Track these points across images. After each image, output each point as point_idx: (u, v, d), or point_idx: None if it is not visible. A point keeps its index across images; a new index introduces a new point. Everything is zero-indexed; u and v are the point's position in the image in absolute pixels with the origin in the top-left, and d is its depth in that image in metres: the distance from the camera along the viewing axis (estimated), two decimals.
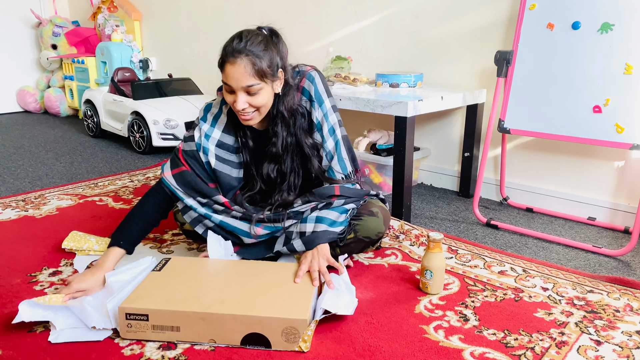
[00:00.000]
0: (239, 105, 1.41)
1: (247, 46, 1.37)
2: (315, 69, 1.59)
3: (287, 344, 1.20)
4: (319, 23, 3.01)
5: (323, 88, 1.58)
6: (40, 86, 4.71)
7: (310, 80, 1.56)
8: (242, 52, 1.36)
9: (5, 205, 2.21)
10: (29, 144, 3.46)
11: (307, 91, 1.56)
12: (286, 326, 1.19)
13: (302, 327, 1.19)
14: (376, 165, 2.48)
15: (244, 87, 1.39)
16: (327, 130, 1.56)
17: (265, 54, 1.39)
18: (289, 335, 1.19)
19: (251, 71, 1.37)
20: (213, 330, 1.21)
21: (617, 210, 2.09)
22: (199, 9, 3.75)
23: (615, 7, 1.84)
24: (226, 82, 1.40)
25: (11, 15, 4.61)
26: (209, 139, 1.56)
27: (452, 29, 2.46)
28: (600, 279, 1.60)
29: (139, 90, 3.36)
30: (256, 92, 1.40)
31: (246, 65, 1.36)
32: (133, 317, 1.22)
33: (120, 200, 2.30)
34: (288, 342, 1.20)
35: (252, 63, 1.37)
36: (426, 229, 1.98)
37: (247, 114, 1.44)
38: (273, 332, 1.20)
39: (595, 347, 1.26)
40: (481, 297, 1.48)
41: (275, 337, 1.20)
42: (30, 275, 1.59)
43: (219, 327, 1.21)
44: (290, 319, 1.19)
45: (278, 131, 1.53)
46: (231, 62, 1.37)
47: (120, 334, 1.24)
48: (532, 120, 2.05)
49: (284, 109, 1.50)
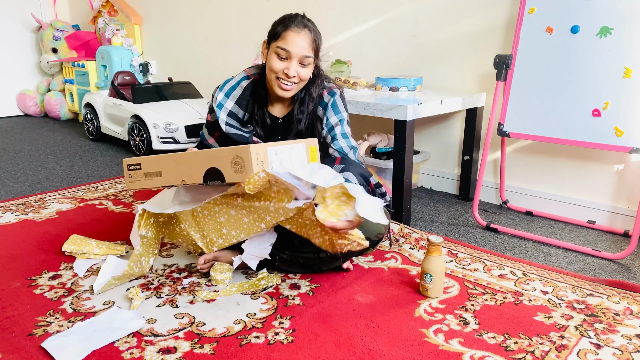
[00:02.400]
0: (292, 71, 1.52)
1: (309, 23, 1.56)
2: (338, 87, 1.69)
3: (236, 175, 1.32)
4: (319, 27, 3.00)
5: (341, 103, 1.67)
6: (41, 90, 4.72)
7: (330, 95, 1.66)
8: (307, 27, 1.54)
9: (5, 209, 2.21)
10: (29, 148, 3.47)
11: (324, 102, 1.65)
12: (233, 156, 1.31)
13: (245, 156, 1.29)
14: (376, 168, 2.48)
15: (302, 56, 1.53)
16: (340, 133, 1.63)
17: (320, 37, 1.58)
18: (237, 165, 1.31)
19: (312, 44, 1.54)
20: (184, 171, 1.43)
21: (617, 214, 2.09)
22: (199, 13, 3.76)
23: (614, 11, 1.85)
24: (286, 47, 1.51)
25: (12, 19, 4.62)
26: (222, 108, 1.64)
27: (452, 33, 2.47)
28: (600, 282, 1.60)
29: (139, 93, 3.37)
30: (307, 65, 1.56)
31: (309, 37, 1.54)
32: (131, 168, 1.56)
33: (120, 204, 2.30)
34: (237, 173, 1.32)
35: (313, 39, 1.55)
36: (426, 232, 1.98)
37: (290, 83, 1.55)
38: (225, 164, 1.34)
39: (595, 350, 1.26)
40: (481, 301, 1.49)
41: (227, 169, 1.34)
42: (30, 278, 1.59)
43: (187, 168, 1.42)
44: (237, 149, 1.32)
45: (304, 109, 1.63)
46: (297, 31, 1.52)
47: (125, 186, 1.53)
48: (531, 123, 2.05)
49: (315, 91, 1.63)
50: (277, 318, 1.38)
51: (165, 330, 1.32)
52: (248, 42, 3.42)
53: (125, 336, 1.28)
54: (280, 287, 1.55)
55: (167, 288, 1.54)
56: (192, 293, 1.51)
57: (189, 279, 1.59)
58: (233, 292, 1.52)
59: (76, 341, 1.25)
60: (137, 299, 1.44)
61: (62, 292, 1.51)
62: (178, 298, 1.48)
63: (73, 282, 1.57)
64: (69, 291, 1.52)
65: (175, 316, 1.38)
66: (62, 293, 1.50)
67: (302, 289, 1.54)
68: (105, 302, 1.46)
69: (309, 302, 1.45)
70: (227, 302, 1.46)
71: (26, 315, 1.38)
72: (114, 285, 1.53)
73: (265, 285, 1.55)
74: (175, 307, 1.43)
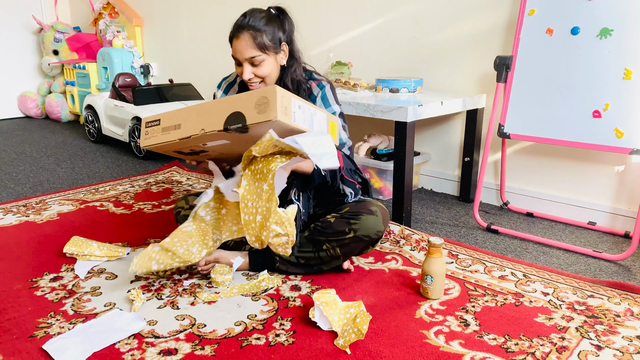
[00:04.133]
0: (245, 76, 1.55)
1: (249, 22, 1.53)
2: (328, 81, 1.68)
3: (259, 115, 1.26)
4: (319, 29, 3.02)
5: (332, 94, 1.66)
6: (42, 92, 4.72)
7: (320, 87, 1.65)
8: (244, 27, 1.53)
9: (6, 211, 2.21)
10: (30, 150, 3.47)
11: (313, 95, 1.64)
12: (259, 97, 1.27)
13: (271, 95, 1.25)
14: (376, 170, 2.48)
15: (247, 58, 1.54)
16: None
17: (267, 28, 1.54)
18: (261, 105, 1.26)
19: (252, 44, 1.52)
20: (203, 120, 1.34)
21: (618, 215, 2.09)
22: (200, 14, 3.76)
23: (614, 12, 1.85)
24: (234, 55, 1.56)
25: (13, 21, 4.63)
26: None
27: (452, 34, 2.47)
28: (601, 283, 1.60)
29: (139, 95, 3.37)
30: (259, 63, 1.55)
31: (248, 39, 1.52)
32: (150, 124, 1.45)
33: (121, 206, 2.30)
34: (260, 114, 1.26)
35: (252, 37, 1.52)
36: (426, 233, 1.98)
37: (254, 84, 1.58)
38: (248, 106, 1.28)
39: (596, 352, 1.26)
40: (482, 302, 1.49)
41: (250, 110, 1.27)
42: (32, 280, 1.59)
43: (207, 116, 1.34)
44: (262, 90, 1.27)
45: None
46: (237, 37, 1.54)
47: (140, 144, 1.46)
48: (531, 125, 2.06)
49: (288, 80, 1.63)
50: (278, 319, 1.38)
51: (166, 332, 1.32)
52: None
53: (126, 338, 1.28)
54: (281, 288, 1.55)
55: (168, 290, 1.54)
56: (193, 295, 1.51)
57: (189, 280, 1.59)
58: (234, 293, 1.52)
59: (77, 343, 1.25)
60: (138, 301, 1.44)
61: (63, 294, 1.51)
62: (179, 300, 1.48)
63: (74, 284, 1.57)
64: (70, 293, 1.52)
65: (176, 318, 1.39)
66: (63, 295, 1.51)
67: (303, 290, 1.54)
68: (106, 303, 1.46)
69: (310, 304, 1.45)
70: (228, 304, 1.46)
71: (27, 317, 1.38)
72: (146, 268, 1.47)
73: (266, 287, 1.55)
74: (176, 309, 1.43)
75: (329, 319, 1.32)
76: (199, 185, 2.63)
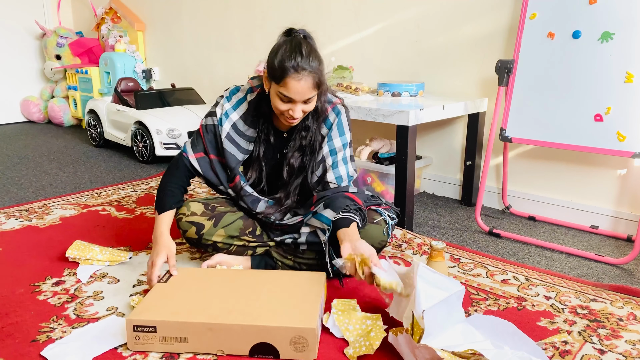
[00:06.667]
0: (297, 115, 1.46)
1: (310, 62, 1.42)
2: (343, 104, 1.64)
3: (295, 353, 1.20)
4: (321, 33, 3.02)
5: (346, 122, 1.63)
6: (44, 96, 4.74)
7: (335, 113, 1.61)
8: (305, 69, 1.41)
9: (9, 215, 2.22)
10: (33, 154, 3.48)
11: (329, 121, 1.60)
12: (294, 335, 1.18)
13: (310, 336, 1.19)
14: (378, 174, 2.48)
15: (306, 99, 1.44)
16: (341, 158, 1.60)
17: (321, 66, 1.46)
18: (298, 344, 1.19)
19: (313, 85, 1.43)
20: (221, 341, 1.21)
21: (620, 219, 2.09)
22: (202, 19, 3.78)
23: (615, 16, 1.85)
24: (287, 94, 1.42)
25: (16, 26, 4.65)
26: (227, 118, 1.60)
27: (454, 38, 2.48)
28: (604, 287, 1.60)
29: (142, 100, 3.38)
30: (311, 100, 1.47)
31: (310, 80, 1.42)
32: (141, 329, 1.22)
33: (124, 210, 2.31)
34: (297, 352, 1.19)
35: (313, 78, 1.42)
36: (428, 237, 1.98)
37: (296, 119, 1.49)
38: (282, 341, 1.19)
39: (599, 356, 1.25)
40: (484, 306, 1.48)
41: (284, 346, 1.19)
42: (34, 284, 1.60)
43: (227, 337, 1.20)
44: (299, 328, 1.18)
45: (309, 125, 1.58)
46: (297, 78, 1.40)
47: (129, 346, 1.24)
48: (533, 128, 2.06)
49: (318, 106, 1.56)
50: None
51: None
52: (251, 48, 3.44)
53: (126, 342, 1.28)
54: None
55: None
56: None
57: None
58: None
59: (76, 348, 1.25)
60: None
61: (65, 298, 1.51)
62: None
63: (76, 288, 1.57)
64: (73, 297, 1.52)
65: None
66: (65, 299, 1.51)
67: None
68: (109, 308, 1.46)
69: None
70: None
71: (30, 322, 1.38)
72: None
73: None
74: None
75: (341, 328, 1.31)
76: (200, 190, 2.63)
